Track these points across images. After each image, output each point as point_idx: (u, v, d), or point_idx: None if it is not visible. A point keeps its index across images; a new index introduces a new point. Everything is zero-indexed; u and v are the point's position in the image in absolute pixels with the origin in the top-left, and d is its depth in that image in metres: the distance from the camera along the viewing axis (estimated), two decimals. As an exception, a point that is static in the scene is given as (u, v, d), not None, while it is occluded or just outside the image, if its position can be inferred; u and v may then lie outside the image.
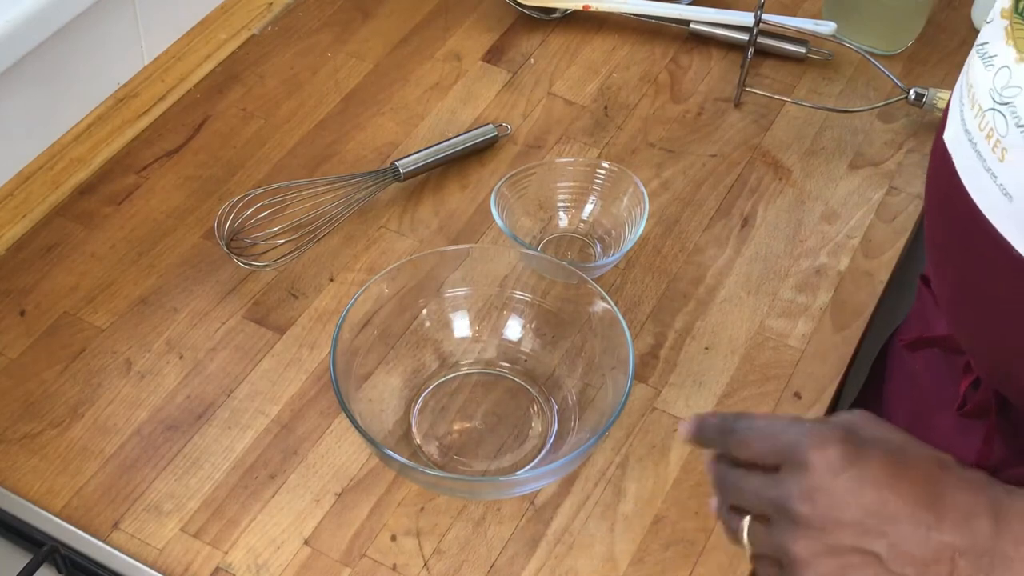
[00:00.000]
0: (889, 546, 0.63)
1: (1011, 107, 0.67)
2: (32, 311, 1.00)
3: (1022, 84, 0.67)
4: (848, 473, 0.64)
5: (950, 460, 0.66)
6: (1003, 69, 0.68)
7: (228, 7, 1.27)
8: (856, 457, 0.64)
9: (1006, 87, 0.68)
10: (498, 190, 1.04)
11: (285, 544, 0.88)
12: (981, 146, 0.70)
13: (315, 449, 0.93)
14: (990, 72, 0.70)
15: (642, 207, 1.04)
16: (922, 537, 0.63)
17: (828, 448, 0.64)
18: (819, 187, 1.14)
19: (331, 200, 1.06)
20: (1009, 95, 0.68)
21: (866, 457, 0.64)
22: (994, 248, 0.70)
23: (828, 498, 0.64)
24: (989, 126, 0.69)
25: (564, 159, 1.12)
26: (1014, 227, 0.68)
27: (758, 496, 0.67)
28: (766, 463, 0.67)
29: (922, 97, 1.17)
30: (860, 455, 0.64)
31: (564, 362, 0.97)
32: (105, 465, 0.91)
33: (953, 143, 0.74)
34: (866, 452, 0.65)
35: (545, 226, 1.08)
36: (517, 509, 0.90)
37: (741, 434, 0.69)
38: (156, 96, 1.18)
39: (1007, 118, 0.67)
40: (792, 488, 0.65)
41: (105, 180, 1.11)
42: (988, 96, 0.69)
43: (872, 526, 0.63)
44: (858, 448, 0.65)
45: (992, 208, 0.70)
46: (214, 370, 0.97)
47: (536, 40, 1.27)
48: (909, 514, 0.63)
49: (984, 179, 0.70)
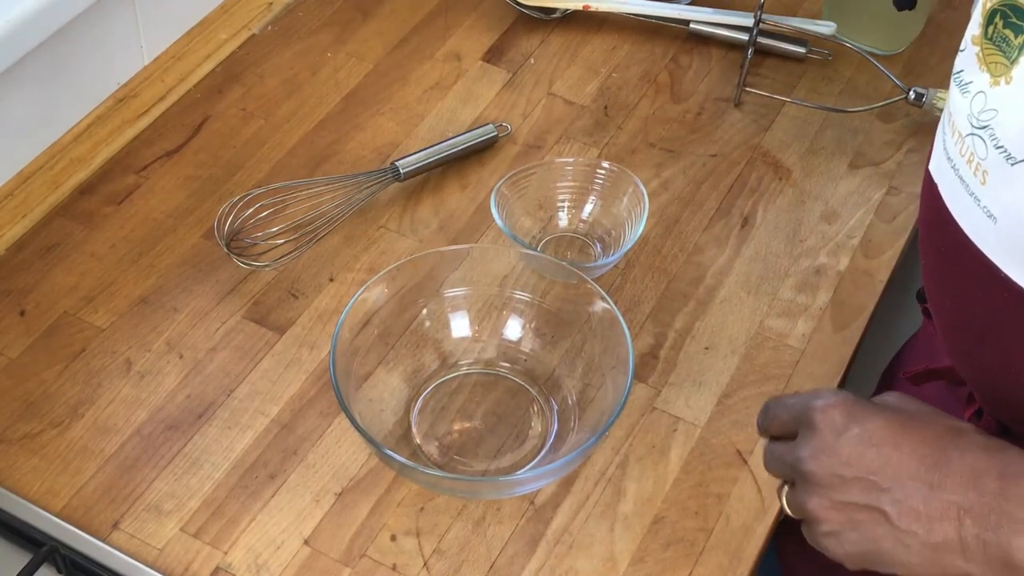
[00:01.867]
0: (894, 502, 0.65)
1: (989, 130, 0.68)
2: (32, 311, 1.00)
3: (998, 107, 0.68)
4: (851, 432, 0.67)
5: (967, 427, 0.67)
6: (979, 95, 0.70)
7: (228, 7, 1.27)
8: (860, 417, 0.67)
9: (983, 111, 0.69)
10: (498, 190, 1.04)
11: (285, 544, 0.88)
12: (963, 171, 0.71)
13: (315, 449, 0.93)
14: (967, 98, 0.71)
15: (642, 207, 1.04)
16: (927, 495, 0.64)
17: (832, 410, 0.68)
18: (819, 187, 1.14)
19: (331, 200, 1.06)
20: (986, 118, 0.69)
21: (870, 417, 0.67)
22: (982, 271, 0.71)
23: (833, 456, 0.67)
24: (969, 151, 0.70)
25: (564, 159, 1.12)
26: (1000, 249, 0.69)
27: (782, 462, 0.72)
28: (788, 432, 0.72)
29: (922, 97, 1.17)
30: (864, 416, 0.67)
31: (564, 362, 0.97)
32: (105, 465, 0.91)
33: (937, 172, 0.75)
34: (870, 413, 0.67)
35: (545, 226, 1.08)
36: (517, 509, 0.90)
37: (771, 411, 0.74)
38: (156, 96, 1.18)
39: (986, 141, 0.68)
40: (803, 450, 0.69)
41: (105, 180, 1.11)
42: (967, 122, 0.71)
43: (876, 483, 0.66)
44: (863, 409, 0.68)
45: (977, 231, 0.71)
46: (214, 370, 0.97)
47: (536, 40, 1.27)
48: (913, 472, 0.65)
49: (968, 203, 0.71)
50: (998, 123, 0.68)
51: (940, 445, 0.66)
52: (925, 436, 0.66)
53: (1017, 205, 0.67)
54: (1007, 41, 0.68)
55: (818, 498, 0.68)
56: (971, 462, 0.65)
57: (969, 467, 0.64)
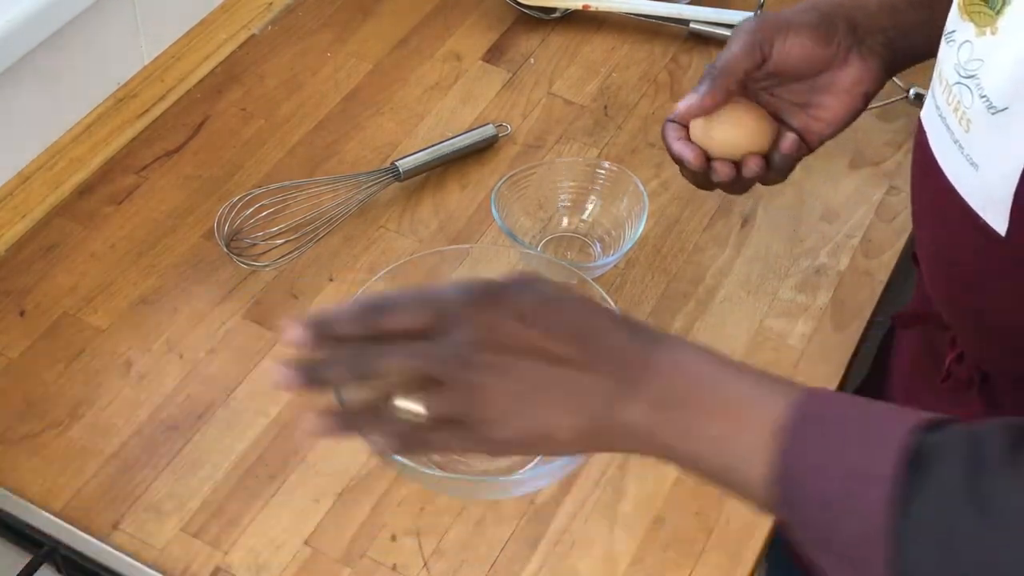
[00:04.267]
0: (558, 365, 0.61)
1: (975, 79, 0.70)
2: (32, 311, 1.00)
3: (983, 57, 0.69)
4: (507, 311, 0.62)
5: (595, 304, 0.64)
6: (965, 44, 0.71)
7: (228, 7, 1.27)
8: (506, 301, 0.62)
9: (969, 60, 0.71)
10: (498, 190, 1.04)
11: (285, 544, 0.88)
12: (950, 120, 0.73)
13: (315, 449, 0.93)
14: (953, 48, 0.72)
15: (642, 207, 1.04)
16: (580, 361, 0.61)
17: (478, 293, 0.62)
18: (819, 187, 1.14)
19: (331, 200, 1.06)
20: (972, 68, 0.70)
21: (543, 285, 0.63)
22: (963, 217, 0.72)
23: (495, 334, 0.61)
24: (956, 99, 0.72)
25: (564, 159, 1.12)
26: (979, 195, 0.71)
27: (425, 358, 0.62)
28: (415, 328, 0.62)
29: (922, 97, 1.17)
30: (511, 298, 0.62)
31: (564, 362, 0.97)
32: (105, 465, 0.91)
33: (927, 120, 0.77)
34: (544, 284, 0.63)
35: (545, 226, 1.08)
36: (517, 509, 0.90)
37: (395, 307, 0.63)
38: (156, 96, 1.18)
39: (972, 90, 0.70)
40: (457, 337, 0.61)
41: (105, 180, 1.11)
42: (954, 71, 0.72)
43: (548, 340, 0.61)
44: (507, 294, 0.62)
45: (959, 178, 0.72)
46: (214, 370, 0.97)
47: (536, 40, 1.27)
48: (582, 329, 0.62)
49: (952, 151, 0.72)
50: (984, 72, 0.69)
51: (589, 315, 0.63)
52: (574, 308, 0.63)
53: (997, 153, 0.68)
54: None
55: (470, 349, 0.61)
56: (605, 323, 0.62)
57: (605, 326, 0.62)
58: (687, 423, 0.60)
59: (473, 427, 0.62)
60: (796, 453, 0.56)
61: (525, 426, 0.62)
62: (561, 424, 0.61)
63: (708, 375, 0.60)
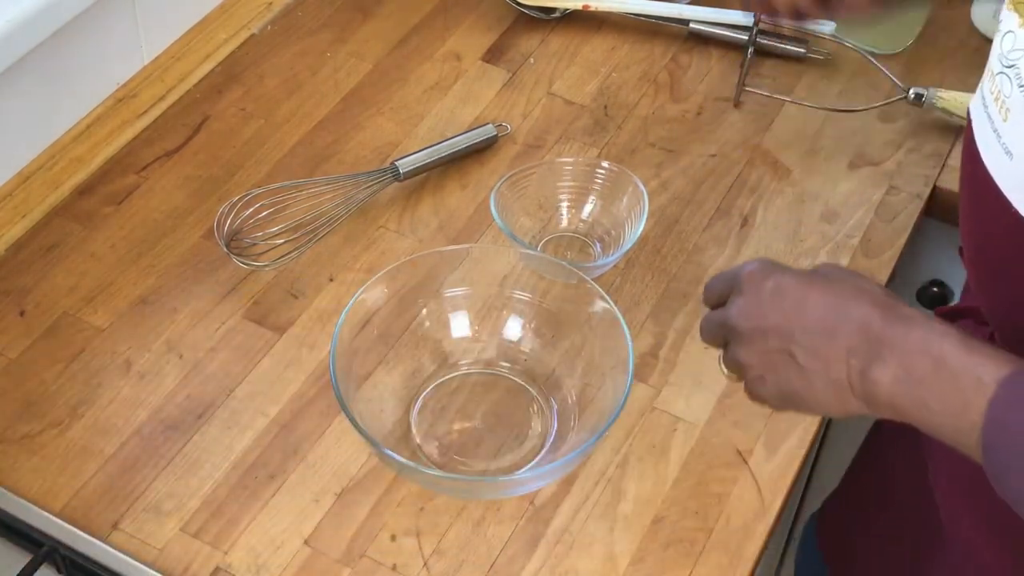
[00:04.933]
0: (800, 347, 0.73)
1: (1015, 69, 0.70)
2: (32, 311, 1.00)
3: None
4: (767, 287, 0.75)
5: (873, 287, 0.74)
6: (1008, 34, 0.72)
7: (228, 7, 1.27)
8: (776, 275, 0.75)
9: (1011, 50, 0.71)
10: (498, 190, 1.04)
11: (285, 544, 0.88)
12: (991, 108, 0.73)
13: (315, 449, 0.93)
14: (998, 38, 0.73)
15: (642, 207, 1.04)
16: (826, 340, 0.72)
17: (754, 272, 0.76)
18: (819, 187, 1.14)
19: (331, 200, 1.06)
20: (1014, 58, 0.71)
21: (784, 275, 0.75)
22: (999, 207, 0.73)
23: (754, 311, 0.75)
24: (998, 88, 0.72)
25: (564, 159, 1.12)
26: (1015, 185, 0.71)
27: (714, 325, 0.79)
28: (724, 301, 0.78)
29: (922, 97, 1.17)
30: (780, 273, 0.75)
31: (564, 362, 0.97)
32: (105, 465, 0.91)
33: (973, 109, 0.78)
34: (785, 271, 0.75)
35: (545, 226, 1.08)
36: (517, 509, 0.90)
37: (710, 285, 0.81)
38: (156, 96, 1.18)
39: (1011, 80, 0.71)
40: (731, 308, 0.77)
41: (105, 180, 1.11)
42: (997, 61, 0.73)
43: (788, 331, 0.73)
44: (780, 268, 0.76)
45: (997, 167, 0.73)
46: (214, 370, 0.97)
47: (536, 40, 1.27)
48: (817, 320, 0.72)
49: (991, 139, 0.73)
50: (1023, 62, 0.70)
51: (842, 297, 0.73)
52: (830, 290, 0.73)
53: None
54: None
55: (744, 348, 0.76)
56: (864, 311, 0.71)
57: (861, 315, 0.71)
58: (924, 397, 0.68)
59: (748, 380, 0.77)
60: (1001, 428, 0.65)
61: (780, 386, 0.75)
62: (812, 385, 0.73)
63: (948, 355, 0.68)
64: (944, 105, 1.17)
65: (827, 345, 0.72)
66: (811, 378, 0.73)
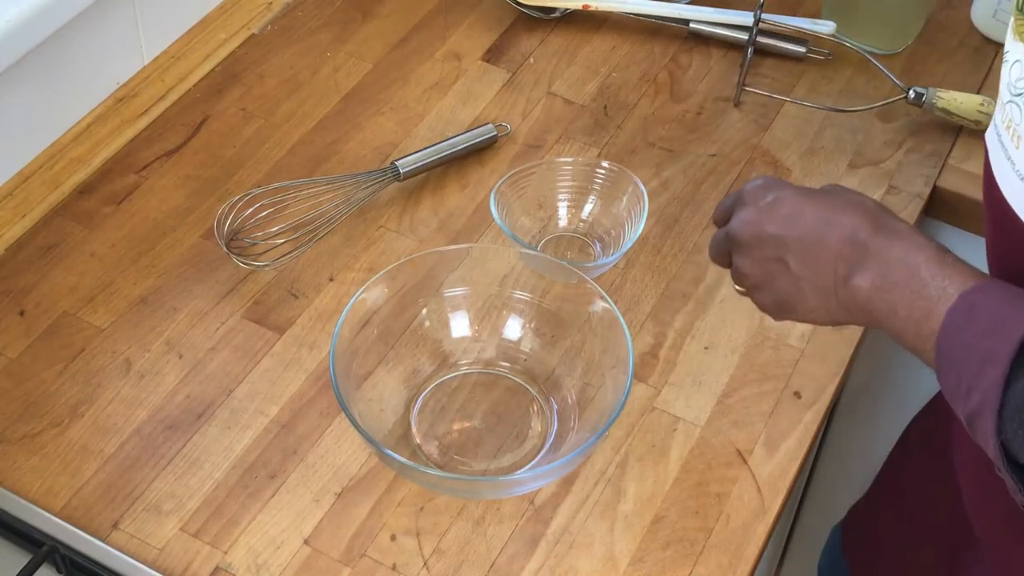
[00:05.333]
0: (793, 254, 0.78)
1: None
2: (32, 311, 1.00)
3: None
4: (767, 199, 0.80)
5: (868, 202, 0.79)
6: (1016, 63, 0.72)
7: (228, 7, 1.27)
8: (777, 188, 0.81)
9: (1020, 79, 0.72)
10: (498, 189, 1.04)
11: (285, 544, 0.88)
12: (1004, 137, 0.74)
13: (315, 449, 0.93)
14: (1006, 68, 0.74)
15: (642, 206, 1.04)
16: (816, 248, 0.77)
17: (757, 187, 0.82)
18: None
19: (331, 200, 1.06)
20: (1022, 86, 0.72)
21: (784, 188, 0.81)
22: (1018, 233, 0.74)
23: (754, 220, 0.80)
24: (1009, 117, 0.73)
25: (564, 159, 1.12)
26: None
27: (723, 239, 0.84)
28: (729, 217, 0.84)
29: (922, 96, 1.17)
30: (780, 187, 0.81)
31: (564, 362, 0.97)
32: (105, 465, 0.91)
33: (988, 138, 0.79)
34: (785, 186, 0.81)
35: (545, 226, 1.08)
36: (517, 509, 0.90)
37: (720, 204, 0.86)
38: (156, 96, 1.18)
39: (1021, 108, 0.72)
40: (733, 221, 0.82)
41: (105, 180, 1.11)
42: (1007, 90, 0.74)
43: (783, 239, 0.79)
44: (781, 183, 0.81)
45: (1012, 194, 0.74)
46: (214, 370, 0.97)
47: (536, 40, 1.27)
48: (809, 229, 0.78)
49: (1007, 167, 0.74)
50: None
51: (834, 209, 0.78)
52: (825, 202, 0.79)
53: None
54: None
55: (745, 257, 0.82)
56: (855, 221, 0.76)
57: (852, 224, 0.76)
58: (894, 303, 0.74)
59: (749, 289, 0.84)
60: (950, 340, 0.70)
61: (775, 294, 0.81)
62: (803, 292, 0.79)
63: (921, 265, 0.73)
64: (944, 105, 1.17)
65: (817, 253, 0.77)
66: (802, 285, 0.79)
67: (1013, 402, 0.66)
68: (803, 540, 1.51)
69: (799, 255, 0.78)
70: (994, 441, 0.67)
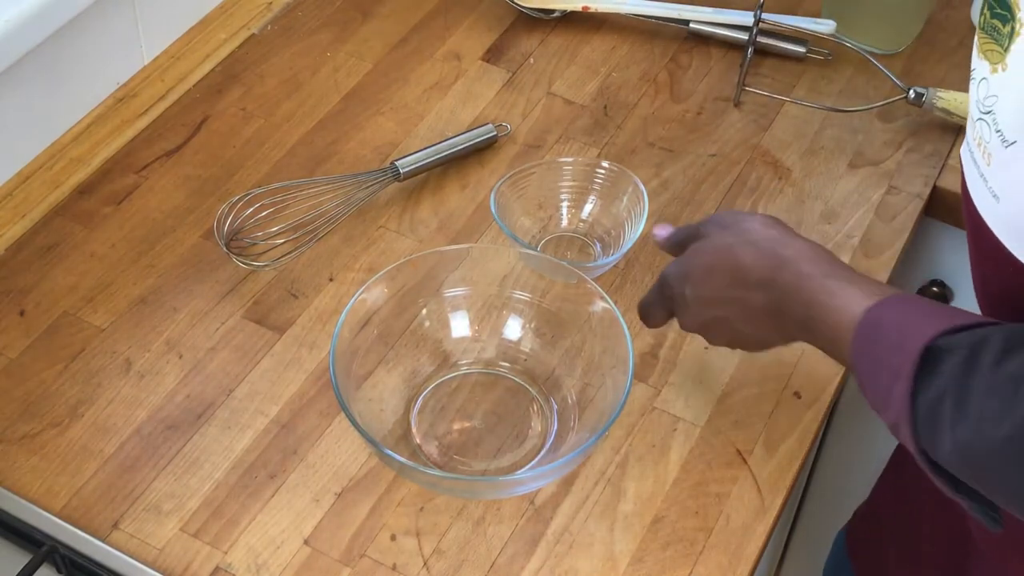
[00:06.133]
0: (732, 311, 0.85)
1: (992, 115, 0.72)
2: (32, 311, 1.00)
3: (998, 92, 0.71)
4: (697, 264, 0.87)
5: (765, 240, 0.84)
6: (983, 81, 0.73)
7: (228, 7, 1.27)
8: (684, 276, 0.88)
9: (987, 97, 0.73)
10: (498, 190, 1.04)
11: (285, 544, 0.88)
12: (976, 154, 0.75)
13: (315, 449, 0.93)
14: (974, 85, 0.75)
15: (642, 207, 1.04)
16: (743, 305, 0.84)
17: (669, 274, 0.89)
18: (819, 186, 1.14)
19: (331, 200, 1.06)
20: (989, 104, 0.72)
21: (703, 252, 0.87)
22: (992, 248, 0.74)
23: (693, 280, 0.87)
24: (979, 135, 0.74)
25: (564, 159, 1.12)
26: (1003, 227, 0.73)
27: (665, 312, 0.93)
28: None
29: (922, 96, 1.17)
30: (702, 252, 0.87)
31: (564, 362, 0.97)
32: (105, 465, 0.91)
33: (963, 154, 0.79)
34: (703, 249, 0.87)
35: (545, 226, 1.08)
36: (517, 509, 0.90)
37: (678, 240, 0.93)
38: (156, 96, 1.18)
39: (990, 125, 0.72)
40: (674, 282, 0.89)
41: (105, 180, 1.11)
42: (976, 108, 0.74)
43: (719, 300, 0.86)
44: (684, 271, 0.88)
45: (986, 210, 0.74)
46: (214, 370, 0.97)
47: (536, 40, 1.27)
48: (734, 291, 0.84)
49: (980, 184, 0.74)
50: (998, 108, 0.71)
51: (739, 268, 0.84)
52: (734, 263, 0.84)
53: (1013, 186, 0.71)
54: (997, 30, 0.71)
55: (689, 319, 0.89)
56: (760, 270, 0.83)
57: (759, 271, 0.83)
58: (806, 324, 0.80)
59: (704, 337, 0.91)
60: (862, 358, 0.74)
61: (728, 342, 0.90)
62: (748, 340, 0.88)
63: (823, 288, 0.78)
64: (944, 105, 1.17)
65: (746, 308, 0.84)
66: (744, 329, 0.86)
67: (921, 414, 0.68)
68: (804, 540, 1.51)
69: (736, 313, 0.85)
70: (915, 450, 0.70)
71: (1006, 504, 0.69)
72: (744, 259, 0.83)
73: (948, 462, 0.68)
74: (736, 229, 0.86)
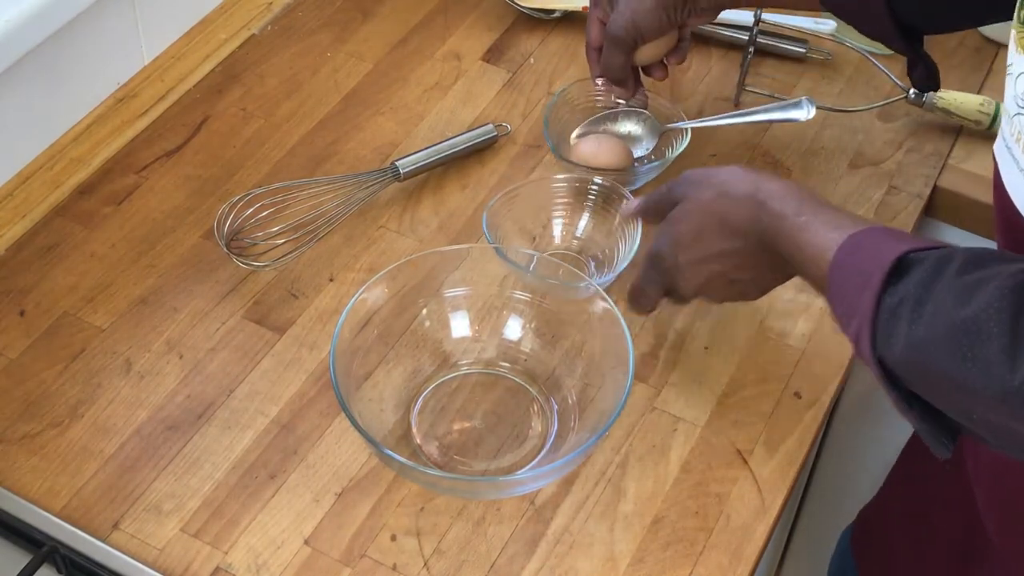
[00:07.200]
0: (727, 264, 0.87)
1: None
2: (32, 311, 1.00)
3: None
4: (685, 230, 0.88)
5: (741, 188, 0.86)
6: (1020, 76, 0.73)
7: (228, 7, 1.27)
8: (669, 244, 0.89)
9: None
10: (490, 209, 1.02)
11: (285, 544, 0.88)
12: (1014, 149, 0.75)
13: (315, 449, 0.93)
14: (1011, 80, 0.74)
15: (636, 223, 1.02)
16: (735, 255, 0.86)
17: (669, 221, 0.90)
18: (819, 187, 1.13)
19: (331, 200, 1.06)
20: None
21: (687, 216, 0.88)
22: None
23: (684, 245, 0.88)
24: (1017, 129, 0.73)
25: (556, 176, 1.09)
26: None
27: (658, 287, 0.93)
28: None
29: (922, 96, 1.17)
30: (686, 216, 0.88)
31: (564, 362, 0.97)
32: (105, 465, 0.91)
33: (998, 152, 0.79)
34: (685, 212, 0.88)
35: (537, 245, 1.06)
36: (517, 509, 0.90)
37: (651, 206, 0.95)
38: (156, 96, 1.18)
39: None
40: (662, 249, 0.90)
41: (105, 180, 1.11)
42: (1013, 102, 0.74)
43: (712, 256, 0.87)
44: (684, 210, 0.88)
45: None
46: (214, 370, 0.97)
47: (536, 40, 1.27)
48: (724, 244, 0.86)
49: (1019, 180, 0.74)
50: None
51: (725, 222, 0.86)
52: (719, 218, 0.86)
53: None
54: None
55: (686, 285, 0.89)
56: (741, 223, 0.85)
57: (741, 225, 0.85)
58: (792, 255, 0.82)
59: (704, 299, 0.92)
60: (837, 273, 0.76)
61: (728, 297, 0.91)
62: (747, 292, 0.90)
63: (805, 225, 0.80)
64: (944, 105, 1.17)
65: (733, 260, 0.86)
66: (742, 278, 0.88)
67: (882, 317, 0.70)
68: (804, 541, 1.51)
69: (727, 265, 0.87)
70: (873, 361, 0.71)
71: (945, 405, 0.70)
72: (727, 211, 0.85)
73: (899, 362, 0.69)
74: (709, 184, 0.87)
